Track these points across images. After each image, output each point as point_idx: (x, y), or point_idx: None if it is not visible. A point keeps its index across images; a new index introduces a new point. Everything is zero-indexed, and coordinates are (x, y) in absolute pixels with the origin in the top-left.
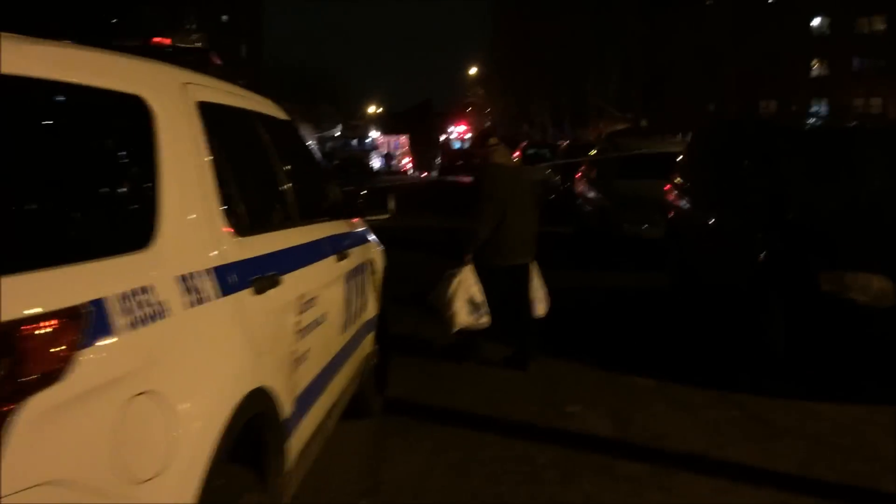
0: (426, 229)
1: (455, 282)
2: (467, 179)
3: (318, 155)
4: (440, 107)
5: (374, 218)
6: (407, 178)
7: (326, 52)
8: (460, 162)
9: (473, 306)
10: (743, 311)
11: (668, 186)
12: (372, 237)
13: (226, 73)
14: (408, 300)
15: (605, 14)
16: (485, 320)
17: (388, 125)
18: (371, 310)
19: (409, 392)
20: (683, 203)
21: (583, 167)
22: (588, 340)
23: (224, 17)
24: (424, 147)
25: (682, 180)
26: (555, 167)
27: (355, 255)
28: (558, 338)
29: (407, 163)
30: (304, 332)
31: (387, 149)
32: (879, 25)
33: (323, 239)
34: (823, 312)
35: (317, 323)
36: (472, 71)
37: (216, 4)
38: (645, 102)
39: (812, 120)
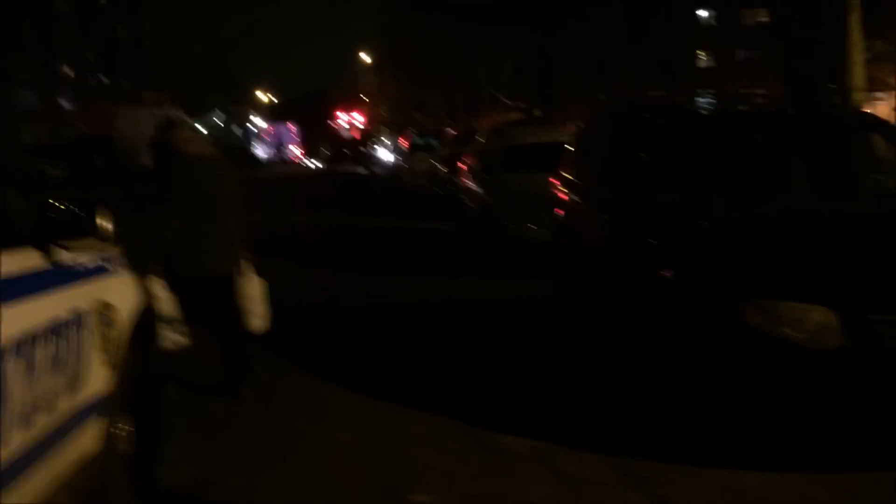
0: (307, 228)
1: None
2: (362, 168)
3: None
4: (336, 95)
5: (71, 245)
6: (297, 168)
7: (214, 38)
8: (347, 151)
9: (166, 325)
10: (646, 345)
11: (554, 180)
12: (110, 268)
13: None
14: None
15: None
16: (180, 340)
17: (282, 113)
18: (96, 384)
19: (195, 478)
20: (571, 201)
21: (466, 158)
22: (448, 381)
23: (101, 1)
24: (318, 136)
25: (569, 173)
26: (442, 158)
27: (41, 308)
28: (410, 378)
29: (299, 152)
30: None
31: (277, 137)
32: (763, 17)
33: None
34: (748, 353)
35: None
36: (366, 59)
37: None
38: (538, 91)
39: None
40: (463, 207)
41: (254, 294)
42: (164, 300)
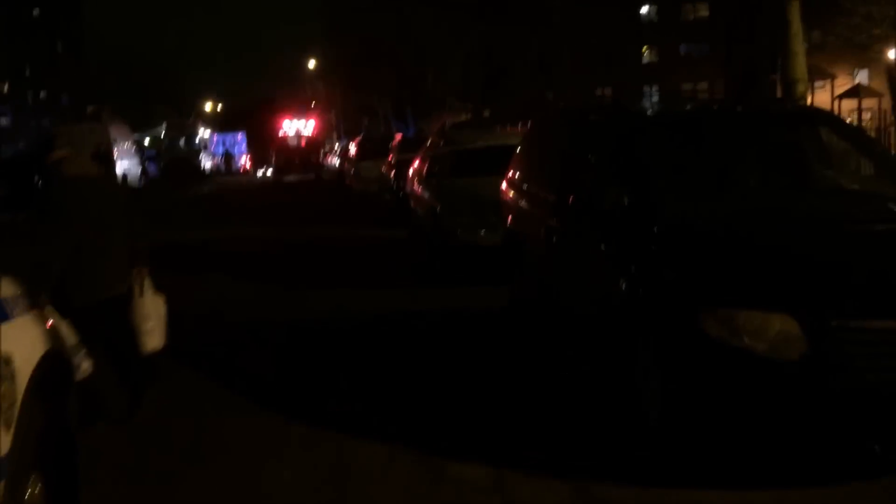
0: (245, 240)
1: None
2: (311, 177)
3: (135, 159)
4: (285, 102)
5: None
6: (244, 178)
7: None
8: (297, 160)
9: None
10: (601, 358)
11: (504, 184)
12: (5, 312)
13: None
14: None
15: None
16: (85, 366)
17: (230, 123)
18: None
19: None
20: (521, 204)
21: (414, 164)
22: (398, 403)
23: (35, 12)
24: (266, 145)
25: (517, 177)
26: (388, 164)
27: None
28: (355, 398)
29: (245, 162)
30: None
31: (222, 148)
32: (703, 12)
33: None
34: (707, 365)
35: None
36: (311, 65)
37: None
38: (485, 92)
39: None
40: (413, 214)
41: (149, 313)
42: (66, 333)
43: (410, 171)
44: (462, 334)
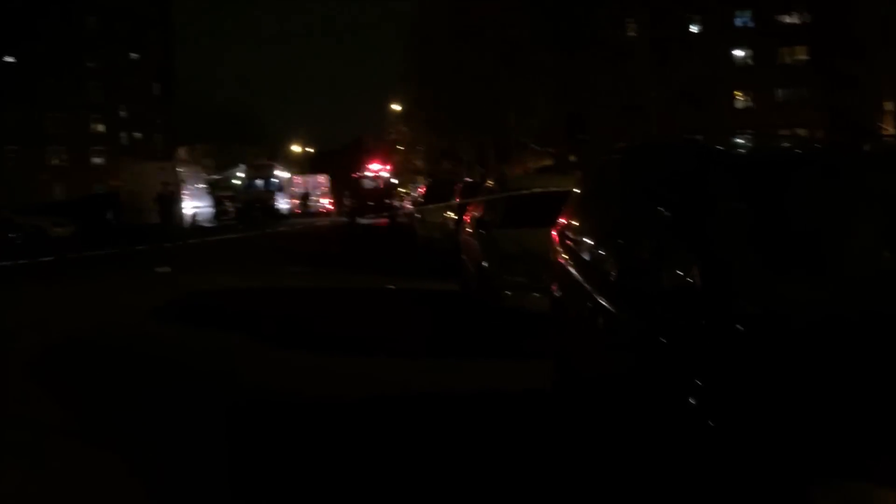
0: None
1: None
2: (383, 222)
3: (207, 199)
4: (371, 145)
5: None
6: (319, 220)
7: (243, 90)
8: (372, 203)
9: None
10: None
11: (554, 234)
12: None
13: None
14: None
15: (520, 53)
16: None
17: (317, 165)
18: None
19: None
20: (567, 267)
21: (470, 209)
22: None
23: (133, 55)
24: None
25: (567, 230)
26: (451, 209)
27: None
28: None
29: (326, 204)
30: None
31: (304, 189)
32: (801, 55)
33: None
34: None
35: None
36: (397, 107)
37: (125, 42)
38: (569, 136)
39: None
40: (463, 268)
41: None
42: None
43: (466, 218)
44: (495, 426)
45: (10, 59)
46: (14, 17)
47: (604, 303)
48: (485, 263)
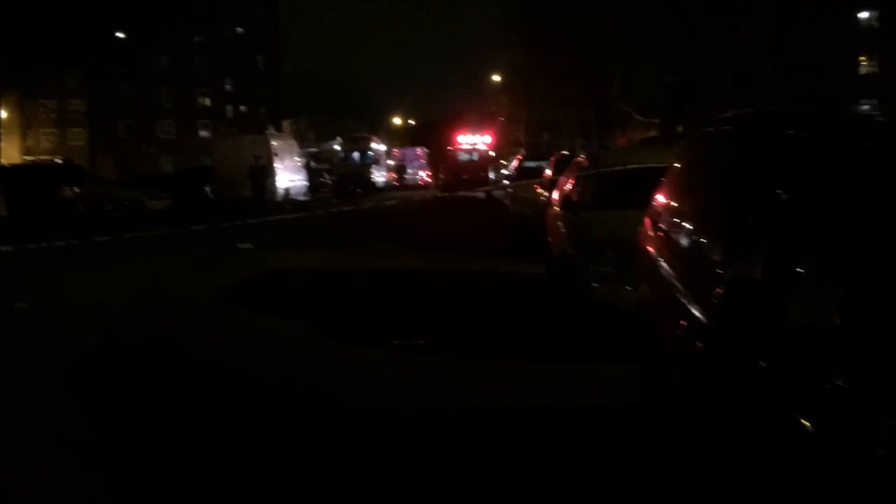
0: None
1: None
2: (481, 195)
3: (302, 173)
4: (471, 117)
5: None
6: (415, 193)
7: (347, 63)
8: (467, 176)
9: None
10: None
11: (646, 219)
12: None
13: None
14: None
15: (630, 11)
16: None
17: (417, 137)
18: None
19: None
20: (655, 264)
21: (557, 188)
22: None
23: (239, 30)
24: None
25: (667, 209)
26: (543, 184)
27: None
28: None
29: (423, 176)
30: None
31: (401, 161)
32: None
33: None
34: None
35: None
36: (497, 78)
37: (230, 17)
38: (675, 106)
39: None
40: (548, 252)
41: None
42: None
43: (552, 198)
44: (573, 454)
45: (121, 35)
46: None
47: (698, 314)
48: (570, 250)
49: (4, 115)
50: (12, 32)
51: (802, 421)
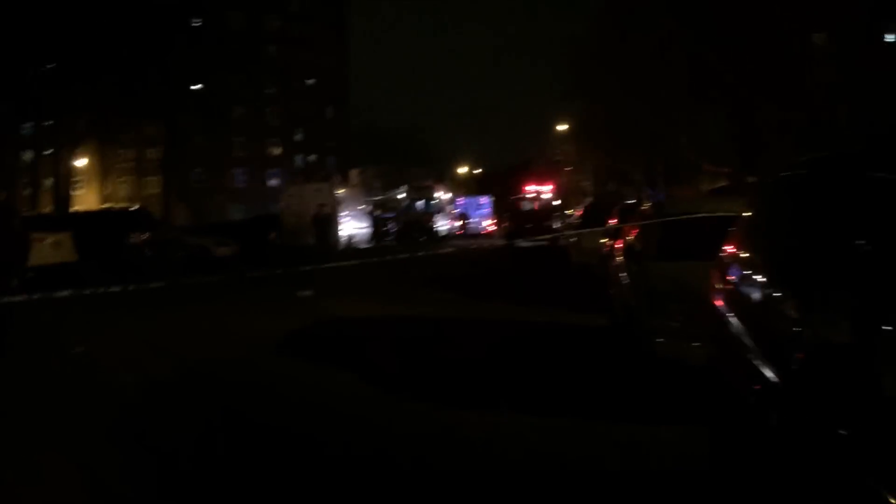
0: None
1: None
2: (544, 243)
3: (366, 220)
4: (537, 166)
5: None
6: (476, 242)
7: (415, 113)
8: (530, 225)
9: None
10: None
11: (715, 271)
12: None
13: None
14: None
15: (698, 60)
16: None
17: (482, 186)
18: None
19: None
20: (732, 309)
21: (622, 235)
22: None
23: (309, 81)
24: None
25: (737, 260)
26: (605, 233)
27: None
28: None
29: (489, 225)
30: None
31: (465, 210)
32: None
33: None
34: None
35: None
36: (562, 127)
37: (302, 69)
38: (746, 155)
39: None
40: (612, 302)
41: None
42: None
43: (617, 245)
44: None
45: (197, 87)
46: (203, 49)
47: (773, 376)
48: (633, 302)
49: (85, 162)
50: (94, 83)
51: (890, 499)
